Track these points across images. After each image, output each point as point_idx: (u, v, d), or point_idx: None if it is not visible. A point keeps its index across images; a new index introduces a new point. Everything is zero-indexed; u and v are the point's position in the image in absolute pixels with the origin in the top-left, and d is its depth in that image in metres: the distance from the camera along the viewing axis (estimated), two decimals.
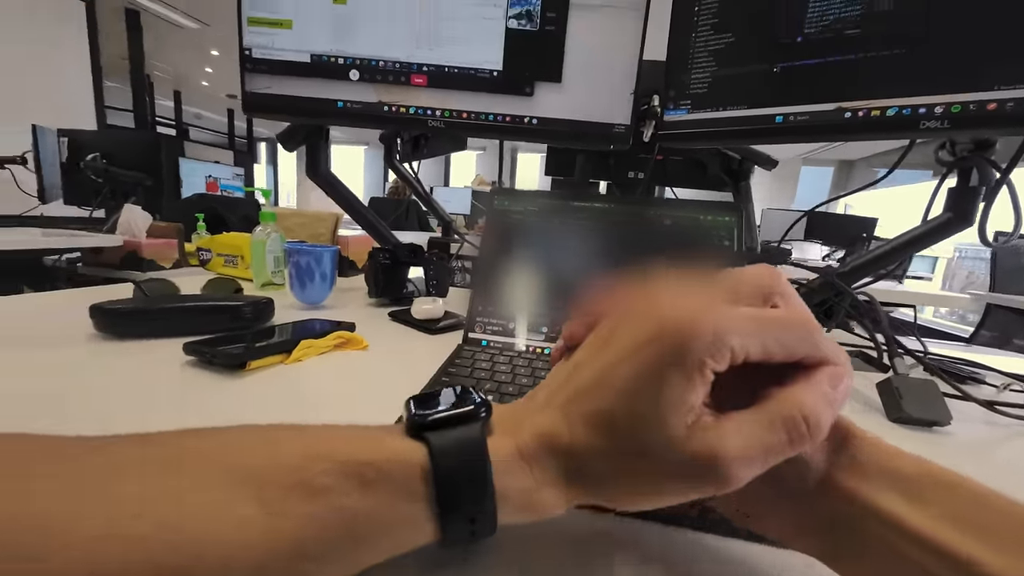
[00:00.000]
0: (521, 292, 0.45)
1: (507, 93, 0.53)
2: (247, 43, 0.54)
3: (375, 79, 0.54)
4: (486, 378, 0.36)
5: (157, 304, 0.43)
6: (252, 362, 0.36)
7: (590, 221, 0.47)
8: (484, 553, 0.19)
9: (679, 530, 0.21)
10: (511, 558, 0.19)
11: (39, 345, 0.39)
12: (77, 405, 0.30)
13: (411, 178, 0.98)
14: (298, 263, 0.59)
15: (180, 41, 5.12)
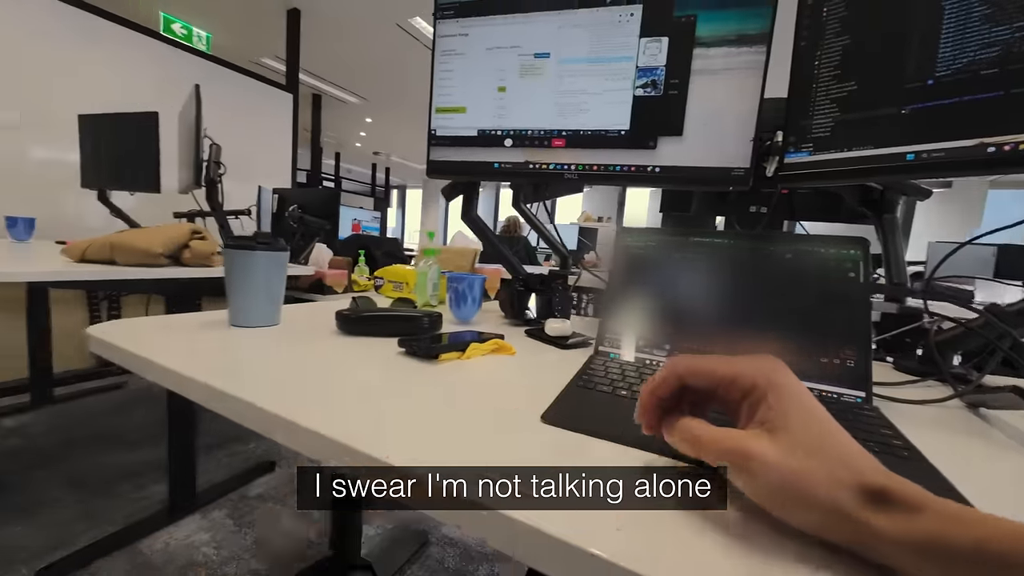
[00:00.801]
0: (645, 315, 0.53)
1: (632, 148, 0.63)
2: (434, 126, 0.73)
3: (524, 144, 0.69)
4: (618, 380, 0.44)
5: (373, 313, 0.61)
6: (442, 355, 0.50)
7: (709, 255, 0.53)
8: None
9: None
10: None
11: (306, 335, 0.58)
12: (338, 373, 0.45)
13: (533, 217, 1.12)
14: (457, 288, 0.75)
15: (344, 113, 6.37)
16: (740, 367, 0.24)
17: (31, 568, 1.02)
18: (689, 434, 0.24)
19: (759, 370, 0.24)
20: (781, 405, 0.22)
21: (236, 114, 2.82)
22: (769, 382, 0.23)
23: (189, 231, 1.17)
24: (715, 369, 0.25)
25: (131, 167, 1.59)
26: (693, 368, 0.26)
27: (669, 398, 0.26)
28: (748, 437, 0.22)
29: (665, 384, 0.26)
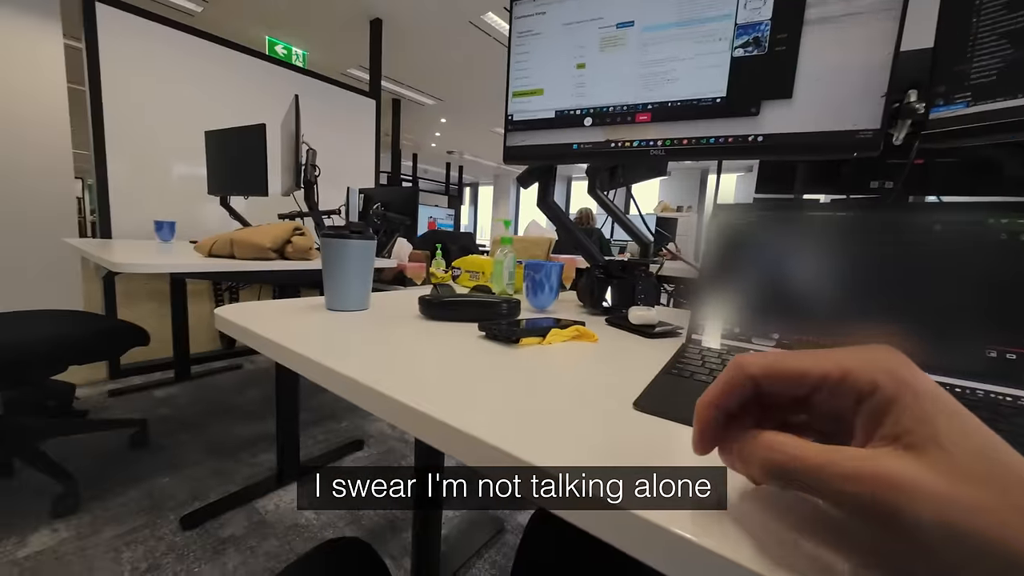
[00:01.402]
0: (748, 300, 0.47)
1: (730, 116, 0.56)
2: (510, 111, 0.73)
3: (604, 122, 0.65)
4: (718, 368, 0.40)
5: (455, 298, 0.62)
6: (523, 339, 0.49)
7: (827, 230, 0.46)
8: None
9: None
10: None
11: (393, 320, 0.61)
12: (423, 354, 0.46)
13: (610, 204, 1.07)
14: (534, 276, 0.74)
15: (421, 116, 6.69)
16: (849, 362, 0.18)
17: (177, 515, 1.21)
18: (782, 454, 0.17)
19: (878, 365, 0.17)
20: (922, 412, 0.16)
21: (327, 122, 3.08)
22: (898, 380, 0.16)
23: (291, 228, 1.30)
24: (809, 367, 0.18)
25: (244, 174, 1.81)
26: (775, 367, 0.19)
27: (737, 411, 0.20)
28: (885, 457, 0.15)
29: (732, 391, 0.19)
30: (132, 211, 2.22)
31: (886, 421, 0.16)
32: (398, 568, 1.07)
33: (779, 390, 0.19)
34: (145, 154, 2.27)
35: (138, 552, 1.08)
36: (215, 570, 1.04)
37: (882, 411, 0.16)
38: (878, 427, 0.17)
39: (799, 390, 0.18)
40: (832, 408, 0.18)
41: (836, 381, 0.18)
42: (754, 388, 0.19)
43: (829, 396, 0.18)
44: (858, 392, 0.17)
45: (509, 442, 0.26)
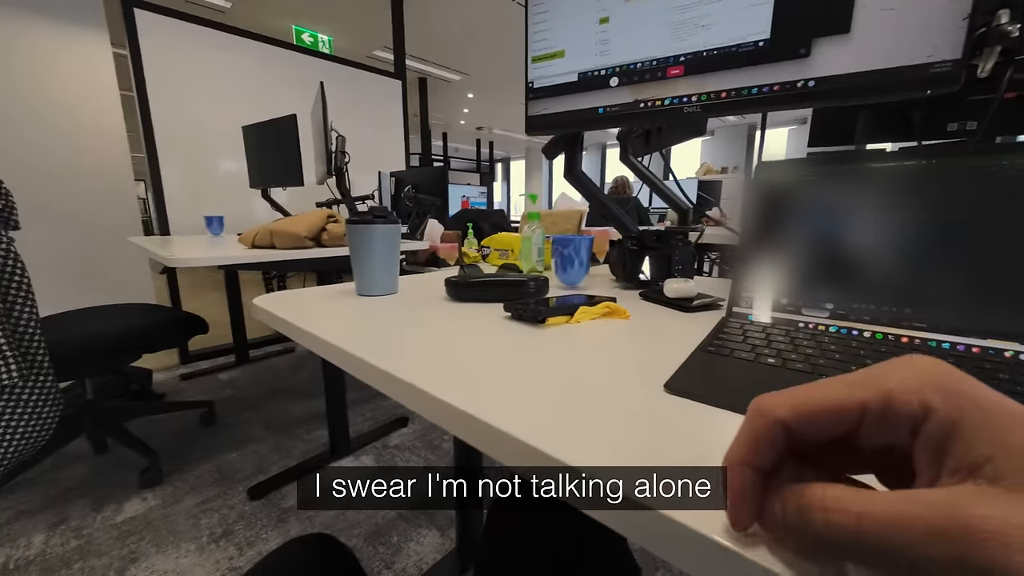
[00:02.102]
0: (797, 267, 0.42)
1: (775, 61, 0.50)
2: (531, 78, 0.69)
3: (632, 81, 0.60)
4: (762, 345, 0.36)
5: (479, 279, 0.61)
6: (549, 319, 0.47)
7: (891, 184, 0.40)
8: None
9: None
10: None
11: (420, 303, 0.61)
12: (447, 337, 0.46)
13: (645, 171, 1.01)
14: (562, 252, 0.71)
15: (448, 93, 6.61)
16: (890, 383, 0.14)
17: (244, 486, 1.32)
18: (842, 513, 0.13)
19: (925, 382, 0.14)
20: (998, 430, 0.12)
21: (355, 108, 3.10)
22: (954, 395, 0.13)
23: (325, 216, 1.33)
24: (843, 399, 0.15)
25: (280, 166, 1.86)
26: (805, 406, 0.15)
27: (769, 465, 0.16)
28: (972, 499, 0.12)
29: (762, 442, 0.16)
30: (186, 208, 2.36)
31: (954, 449, 0.13)
32: (444, 539, 1.12)
33: (815, 433, 0.15)
34: (193, 153, 2.39)
35: (213, 519, 1.19)
36: (279, 536, 1.13)
37: (946, 438, 0.13)
38: (945, 457, 0.13)
39: (838, 428, 0.15)
40: (883, 444, 0.15)
41: (880, 410, 0.14)
42: (785, 434, 0.15)
43: (876, 430, 0.15)
44: (911, 419, 0.14)
45: (525, 433, 0.25)
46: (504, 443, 0.25)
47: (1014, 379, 0.29)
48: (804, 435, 0.15)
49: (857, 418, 0.15)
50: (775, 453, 0.16)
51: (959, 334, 0.34)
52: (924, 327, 0.36)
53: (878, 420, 0.14)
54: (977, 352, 0.33)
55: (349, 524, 1.18)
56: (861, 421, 0.15)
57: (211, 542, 1.11)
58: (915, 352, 0.33)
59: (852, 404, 0.15)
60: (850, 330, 0.38)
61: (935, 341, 0.34)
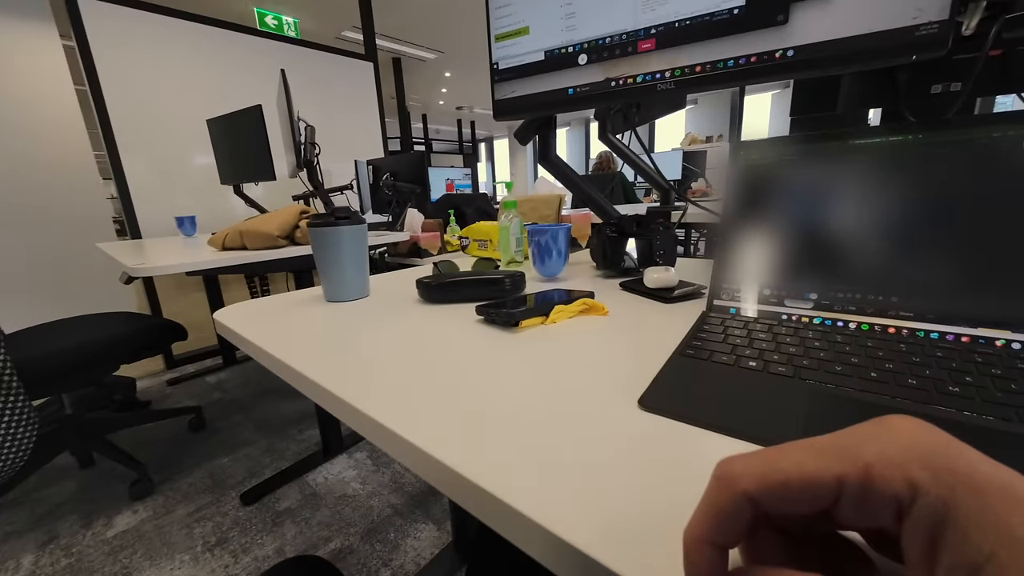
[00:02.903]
0: (778, 254, 0.40)
1: (751, 30, 0.46)
2: (495, 58, 0.64)
3: (602, 57, 0.56)
4: (743, 344, 0.34)
5: (451, 279, 0.58)
6: (523, 322, 0.45)
7: (876, 162, 0.37)
8: None
9: None
10: None
11: (392, 308, 0.58)
12: (416, 351, 0.43)
13: (624, 149, 0.98)
14: (538, 242, 0.68)
15: (424, 73, 6.39)
16: (869, 454, 0.12)
17: (237, 492, 1.31)
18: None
19: (908, 455, 0.12)
20: (998, 519, 0.10)
21: (327, 94, 2.98)
22: (944, 474, 0.11)
23: (298, 212, 1.27)
24: (815, 472, 0.12)
25: (250, 160, 1.78)
26: (772, 478, 0.13)
27: (735, 540, 0.14)
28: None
29: (725, 517, 0.13)
30: (157, 207, 2.27)
31: (949, 542, 0.11)
32: (441, 532, 1.12)
33: (786, 508, 0.13)
34: (158, 149, 2.28)
35: (207, 527, 1.18)
36: (276, 540, 1.12)
37: (938, 525, 0.11)
38: (939, 552, 0.11)
39: (813, 505, 0.13)
40: (865, 523, 0.13)
41: (858, 487, 0.12)
42: (752, 507, 0.13)
43: (855, 511, 0.12)
44: (895, 501, 0.11)
45: (481, 477, 0.22)
46: (465, 489, 0.23)
47: (1007, 373, 0.27)
48: (774, 509, 0.13)
49: (833, 494, 0.12)
50: (740, 528, 0.13)
51: (948, 323, 0.32)
52: (911, 316, 0.34)
53: (857, 498, 0.12)
54: (967, 342, 0.31)
55: (345, 523, 1.17)
56: (838, 498, 0.12)
57: (206, 551, 1.10)
58: (901, 345, 0.32)
59: (826, 478, 0.12)
60: (835, 322, 0.36)
61: (923, 331, 0.33)
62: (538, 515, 0.20)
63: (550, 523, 0.19)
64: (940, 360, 0.29)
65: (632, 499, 0.21)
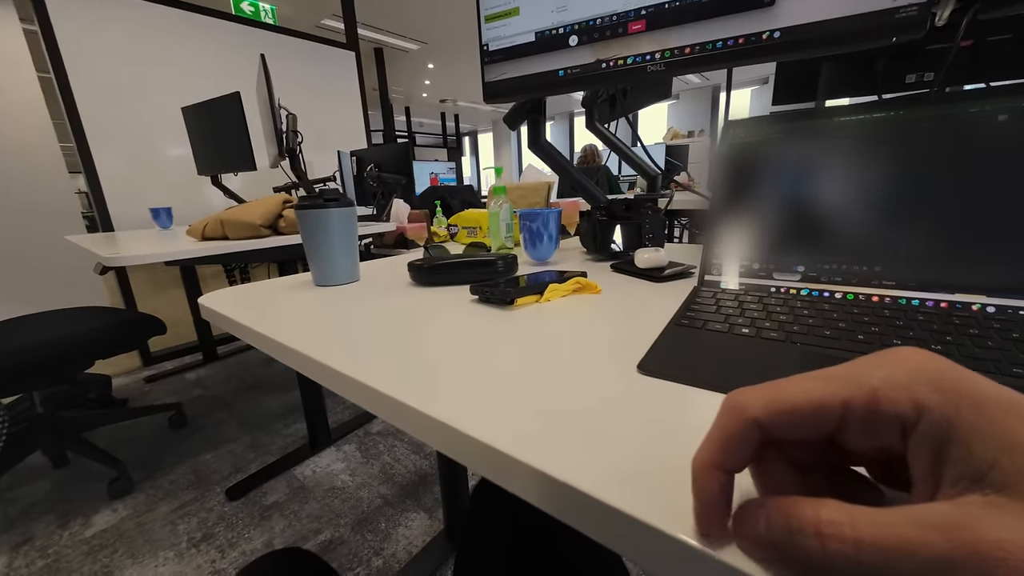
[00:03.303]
0: (767, 229, 0.41)
1: (739, 11, 0.47)
2: (485, 40, 0.63)
3: (593, 39, 0.56)
4: (735, 314, 0.35)
5: (444, 261, 0.57)
6: (517, 300, 0.45)
7: (860, 138, 0.38)
8: None
9: None
10: None
11: (383, 290, 0.58)
12: (412, 328, 0.43)
13: (612, 137, 0.98)
14: (530, 226, 0.68)
15: (407, 64, 6.29)
16: (875, 379, 0.12)
17: (222, 487, 1.28)
18: (833, 536, 0.11)
19: (915, 377, 0.12)
20: (1001, 430, 0.11)
21: (307, 83, 2.91)
22: (948, 392, 0.12)
23: (281, 201, 1.25)
24: (824, 396, 0.13)
25: (228, 149, 1.73)
26: (780, 403, 0.13)
27: (743, 466, 0.14)
28: (982, 518, 0.10)
29: (733, 443, 0.14)
30: (130, 201, 2.19)
31: (953, 455, 0.11)
32: (433, 520, 1.13)
33: (793, 433, 0.13)
34: (131, 139, 2.20)
35: (192, 524, 1.15)
36: (263, 534, 1.11)
37: (943, 441, 0.11)
38: (944, 465, 0.11)
39: (818, 428, 0.13)
40: (872, 446, 0.13)
41: (865, 410, 0.12)
42: (760, 433, 0.14)
43: (861, 431, 0.13)
44: (900, 420, 0.12)
45: (491, 437, 0.23)
46: (466, 446, 0.23)
47: (984, 333, 0.28)
48: (781, 434, 0.14)
49: (838, 417, 0.13)
50: (749, 454, 0.14)
51: (927, 290, 0.34)
52: (893, 285, 0.35)
53: (863, 420, 0.13)
54: (945, 307, 0.32)
55: (335, 515, 1.16)
56: (843, 421, 0.13)
57: (191, 547, 1.08)
58: (885, 311, 0.33)
59: (833, 402, 0.13)
60: (821, 292, 0.37)
61: (904, 299, 0.34)
62: (541, 463, 0.20)
63: (554, 470, 0.20)
64: (921, 323, 0.30)
65: (635, 450, 0.21)
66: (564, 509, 0.20)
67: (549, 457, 0.21)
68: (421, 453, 1.41)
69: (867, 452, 0.14)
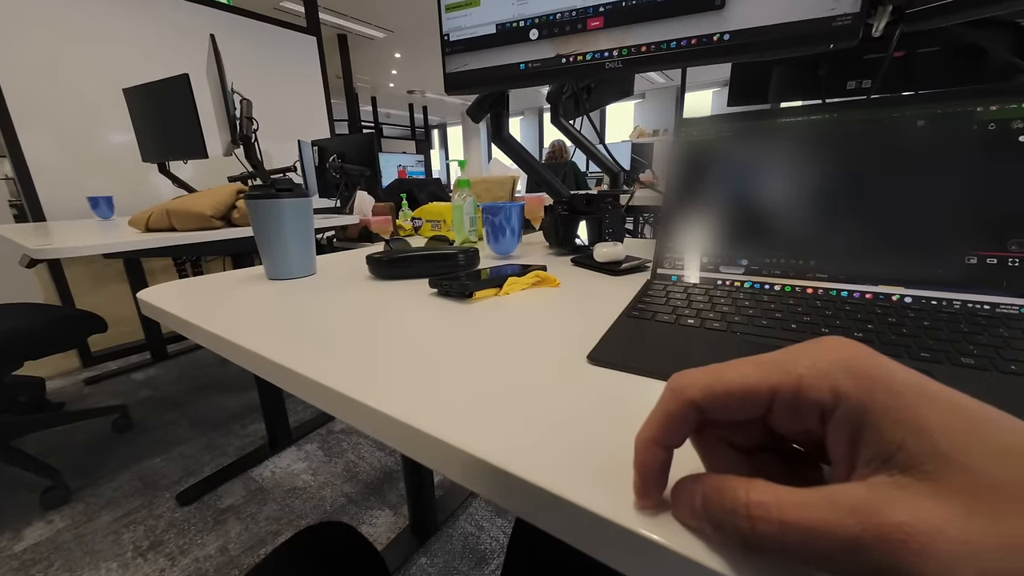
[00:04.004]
0: (716, 224, 0.43)
1: (692, 12, 0.49)
2: (446, 29, 0.62)
3: (552, 33, 0.56)
4: (682, 306, 0.36)
5: (404, 254, 0.57)
6: (477, 293, 0.45)
7: (802, 138, 0.41)
8: None
9: None
10: None
11: (340, 284, 0.56)
12: (369, 321, 0.42)
13: (576, 134, 0.99)
14: (492, 220, 0.68)
15: (372, 52, 6.10)
16: (800, 366, 0.13)
17: (172, 492, 1.22)
18: (762, 517, 0.12)
19: (834, 365, 0.13)
20: (910, 414, 0.12)
21: (264, 68, 2.78)
22: (863, 379, 0.12)
23: (234, 191, 1.19)
24: (755, 382, 0.14)
25: (177, 135, 1.63)
26: (716, 387, 0.14)
27: (681, 442, 0.16)
28: (886, 497, 0.11)
29: (673, 422, 0.15)
30: (66, 189, 2.02)
31: (866, 437, 0.12)
32: (398, 517, 1.12)
33: (727, 414, 0.15)
34: (65, 121, 2.02)
35: (138, 532, 1.09)
36: (219, 539, 1.06)
37: (857, 425, 0.12)
38: (858, 446, 0.12)
39: (749, 411, 0.14)
40: (800, 430, 0.14)
41: (790, 395, 0.13)
42: (698, 413, 0.15)
43: (786, 415, 0.14)
44: (819, 405, 0.13)
45: (437, 429, 0.23)
46: (423, 444, 0.23)
47: (900, 321, 0.31)
48: (717, 415, 0.15)
49: (767, 401, 0.14)
50: (687, 432, 0.15)
51: (855, 282, 0.36)
52: (826, 277, 0.37)
53: (788, 405, 0.14)
54: (870, 298, 0.35)
55: (295, 516, 1.13)
56: (771, 404, 0.14)
57: (137, 556, 1.02)
58: (817, 302, 0.35)
59: (762, 387, 0.14)
60: (762, 285, 0.39)
61: (835, 290, 0.36)
62: (488, 455, 0.20)
63: (503, 463, 0.20)
64: (848, 313, 0.33)
65: (582, 437, 0.22)
66: (509, 499, 0.20)
67: (487, 445, 0.21)
68: (386, 450, 1.39)
69: (796, 436, 0.15)
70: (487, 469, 0.20)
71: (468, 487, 0.22)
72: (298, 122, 2.96)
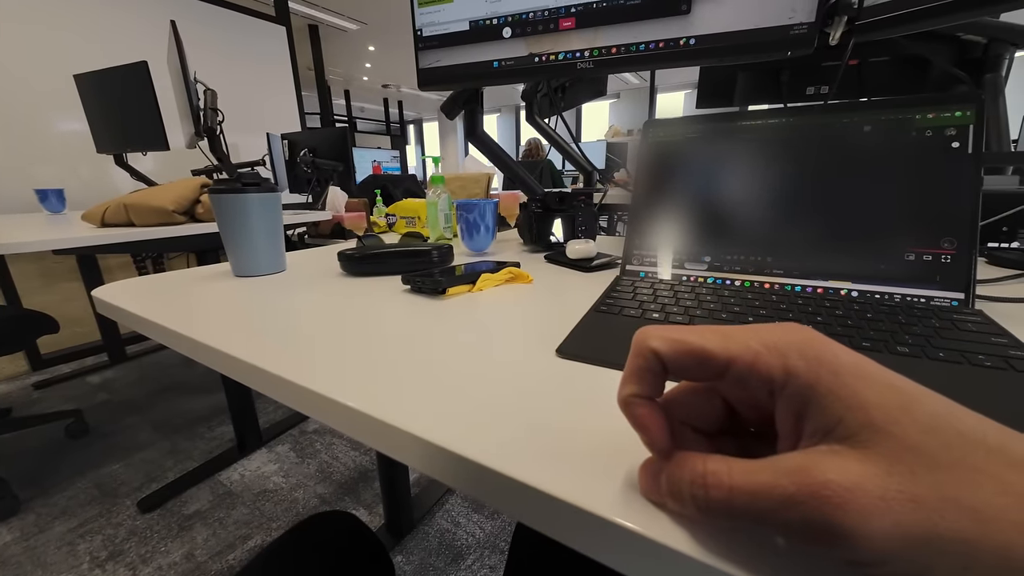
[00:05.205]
0: (681, 222, 0.45)
1: (660, 16, 0.50)
2: (419, 24, 0.62)
3: (525, 32, 0.57)
4: (648, 300, 0.38)
5: (377, 250, 0.56)
6: (450, 289, 0.45)
7: (761, 140, 0.43)
8: None
9: None
10: None
11: (311, 281, 0.55)
12: (339, 318, 0.42)
13: (551, 132, 1.00)
14: (467, 217, 0.68)
15: (345, 44, 5.96)
16: (757, 342, 0.15)
17: (133, 500, 1.17)
18: (715, 485, 0.14)
19: (787, 347, 0.14)
20: (849, 392, 0.13)
21: (232, 58, 2.67)
22: (811, 360, 0.14)
23: (197, 185, 1.14)
24: (713, 349, 0.15)
25: (135, 125, 1.55)
26: (678, 342, 0.15)
27: (657, 393, 0.17)
28: (821, 461, 0.12)
29: (640, 367, 0.16)
30: (10, 179, 1.89)
31: (810, 414, 0.13)
32: (373, 515, 1.10)
33: (683, 373, 0.16)
34: (7, 109, 1.89)
35: (95, 542, 1.04)
36: (184, 545, 1.03)
37: (803, 403, 0.14)
38: (804, 422, 0.14)
39: (704, 372, 0.15)
40: (745, 399, 0.16)
41: (746, 367, 0.15)
42: (661, 364, 0.16)
43: (737, 384, 0.15)
44: (768, 380, 0.14)
45: (412, 424, 0.23)
46: (388, 436, 0.23)
47: (846, 313, 0.33)
48: (675, 370, 0.16)
49: (722, 368, 0.15)
50: (659, 382, 0.16)
51: (807, 277, 0.38)
52: (781, 273, 0.39)
53: (741, 375, 0.15)
54: (821, 292, 0.37)
55: (266, 519, 1.10)
56: (726, 371, 0.15)
57: (95, 567, 0.97)
58: (773, 296, 0.37)
59: (721, 355, 0.15)
60: (724, 280, 0.41)
61: (789, 285, 0.39)
62: (461, 448, 0.21)
63: (474, 455, 0.20)
64: (800, 307, 0.35)
65: (550, 428, 0.22)
66: (480, 490, 0.20)
67: (460, 438, 0.21)
68: (361, 449, 1.37)
69: (747, 410, 0.17)
70: (460, 462, 0.21)
71: (442, 481, 0.22)
72: (267, 115, 2.86)
